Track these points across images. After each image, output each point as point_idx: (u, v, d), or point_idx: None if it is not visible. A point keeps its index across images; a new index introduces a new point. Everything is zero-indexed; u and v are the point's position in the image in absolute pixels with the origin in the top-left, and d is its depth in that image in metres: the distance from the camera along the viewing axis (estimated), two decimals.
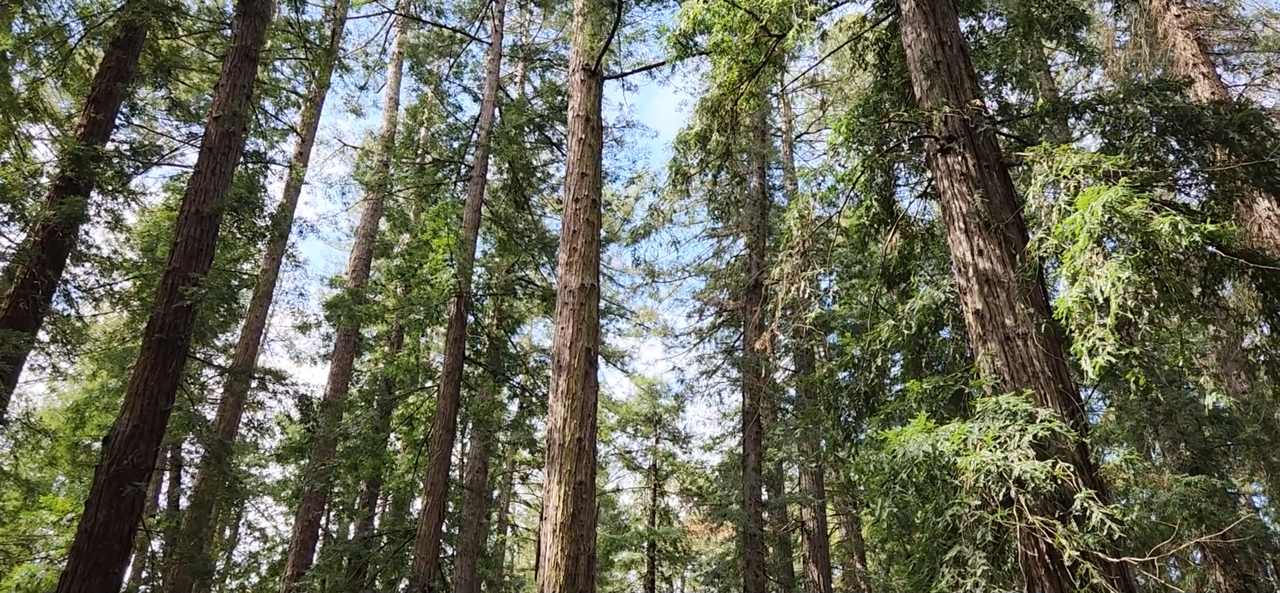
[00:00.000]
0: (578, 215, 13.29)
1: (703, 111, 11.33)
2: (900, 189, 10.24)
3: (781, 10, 9.52)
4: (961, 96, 8.45)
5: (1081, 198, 6.11)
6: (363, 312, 19.65)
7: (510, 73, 26.39)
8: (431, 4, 25.39)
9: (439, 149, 24.07)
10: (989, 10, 11.90)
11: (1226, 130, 7.03)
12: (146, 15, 12.87)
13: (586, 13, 15.45)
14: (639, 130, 52.74)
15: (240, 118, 13.47)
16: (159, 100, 18.44)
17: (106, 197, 14.36)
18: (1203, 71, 15.27)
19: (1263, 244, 13.51)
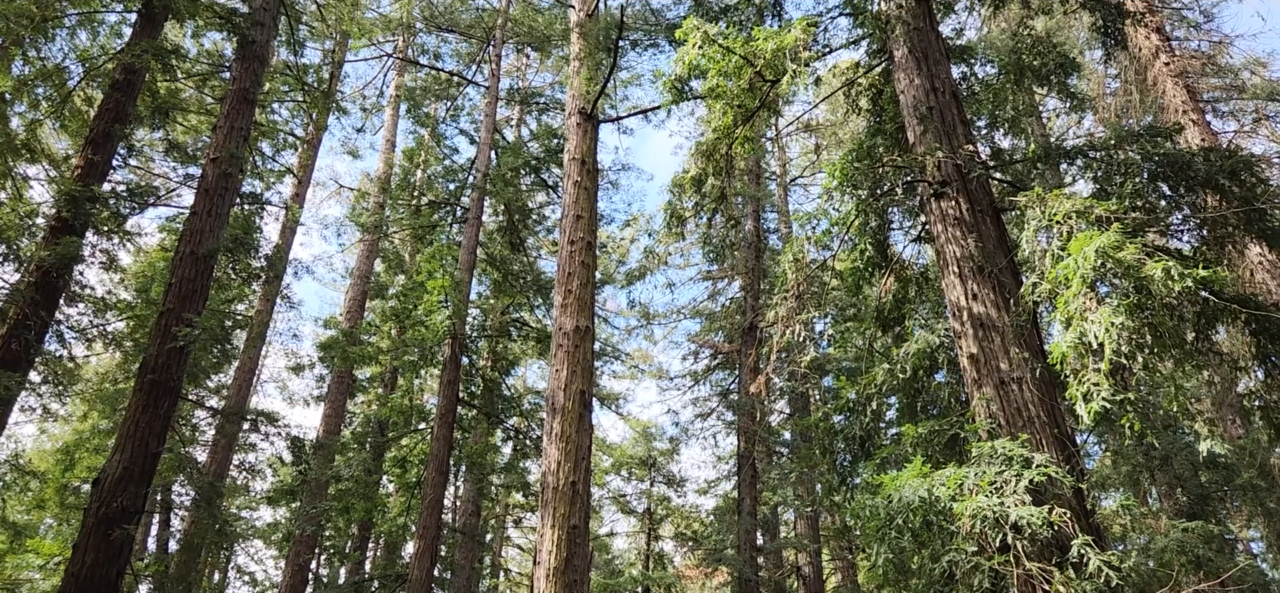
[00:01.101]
0: (573, 257, 13.33)
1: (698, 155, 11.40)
2: (894, 233, 10.29)
3: (776, 56, 9.60)
4: (955, 142, 8.52)
5: (1074, 243, 6.13)
6: (357, 353, 19.59)
7: (507, 116, 26.58)
8: (429, 48, 25.65)
9: (435, 191, 24.16)
10: (980, 57, 12.04)
11: (1217, 176, 7.09)
12: (146, 58, 12.96)
13: (583, 57, 15.61)
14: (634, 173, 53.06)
15: (237, 159, 13.52)
16: (156, 142, 18.52)
17: (102, 237, 14.36)
18: (1192, 118, 15.42)
19: (1255, 289, 13.57)
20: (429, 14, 24.68)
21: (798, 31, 9.55)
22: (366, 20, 23.87)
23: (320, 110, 20.51)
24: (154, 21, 14.02)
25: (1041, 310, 7.60)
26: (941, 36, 10.06)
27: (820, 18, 10.70)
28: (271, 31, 15.46)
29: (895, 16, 9.74)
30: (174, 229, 19.71)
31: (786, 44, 9.46)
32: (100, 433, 18.23)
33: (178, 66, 15.45)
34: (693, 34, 9.88)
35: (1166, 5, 19.04)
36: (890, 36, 9.94)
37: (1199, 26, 18.70)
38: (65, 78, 13.95)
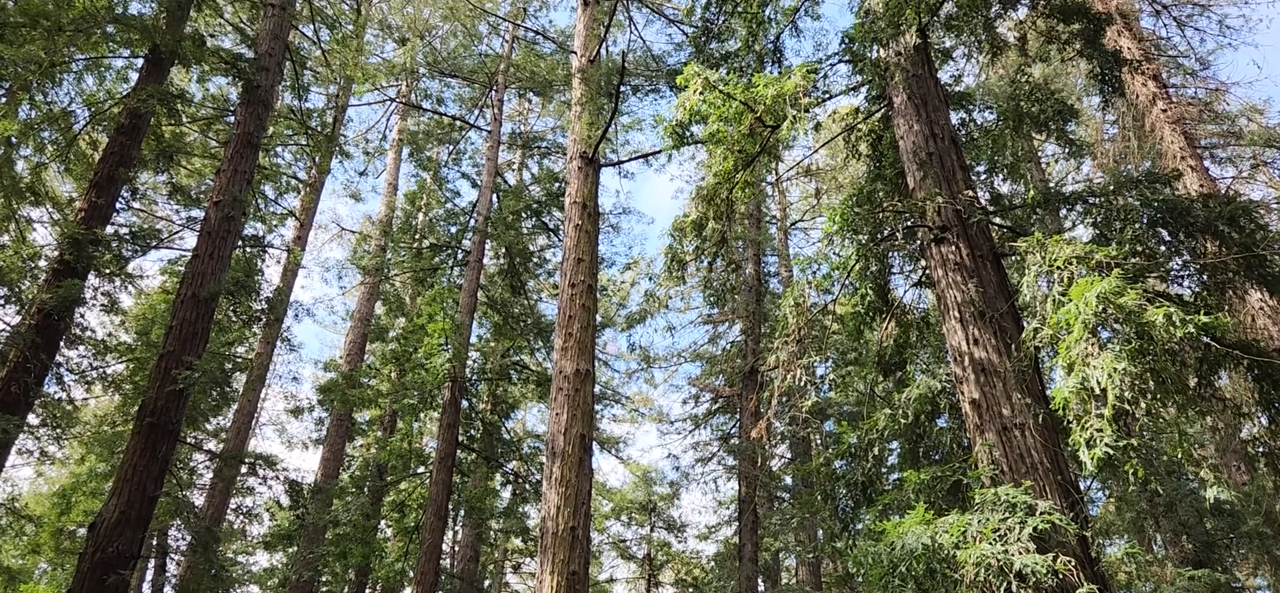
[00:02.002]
0: (574, 301, 13.33)
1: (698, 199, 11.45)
2: (895, 277, 10.30)
3: (776, 102, 9.68)
4: (954, 187, 8.56)
5: (1075, 288, 6.14)
6: (356, 396, 19.53)
7: (508, 159, 26.75)
8: (432, 92, 25.89)
9: (437, 234, 24.24)
10: (979, 103, 12.13)
11: (1216, 223, 7.11)
12: (152, 103, 13.08)
13: (584, 103, 15.74)
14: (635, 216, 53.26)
15: (240, 203, 13.58)
16: (160, 185, 18.61)
17: (103, 280, 14.39)
18: (1191, 164, 15.51)
19: (1257, 335, 13.55)
20: (432, 60, 24.95)
21: (798, 78, 9.64)
22: (370, 65, 24.12)
23: (323, 154, 20.65)
24: (160, 67, 14.16)
25: (1043, 356, 7.58)
26: (940, 83, 10.15)
27: (820, 64, 10.79)
28: (276, 76, 15.61)
29: (894, 64, 9.83)
30: (176, 271, 19.76)
31: (786, 90, 9.54)
32: (97, 476, 18.13)
33: (183, 111, 15.58)
34: (694, 80, 9.96)
35: (1163, 53, 19.23)
36: (889, 83, 10.03)
37: (1196, 74, 18.87)
38: (71, 122, 14.06)
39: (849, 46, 10.88)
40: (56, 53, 12.30)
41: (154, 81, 13.96)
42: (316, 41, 20.06)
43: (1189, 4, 18.94)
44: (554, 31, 25.50)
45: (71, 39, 12.34)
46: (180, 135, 16.91)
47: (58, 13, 11.67)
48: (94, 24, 12.33)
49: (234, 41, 18.15)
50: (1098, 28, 9.78)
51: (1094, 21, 9.78)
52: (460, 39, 25.14)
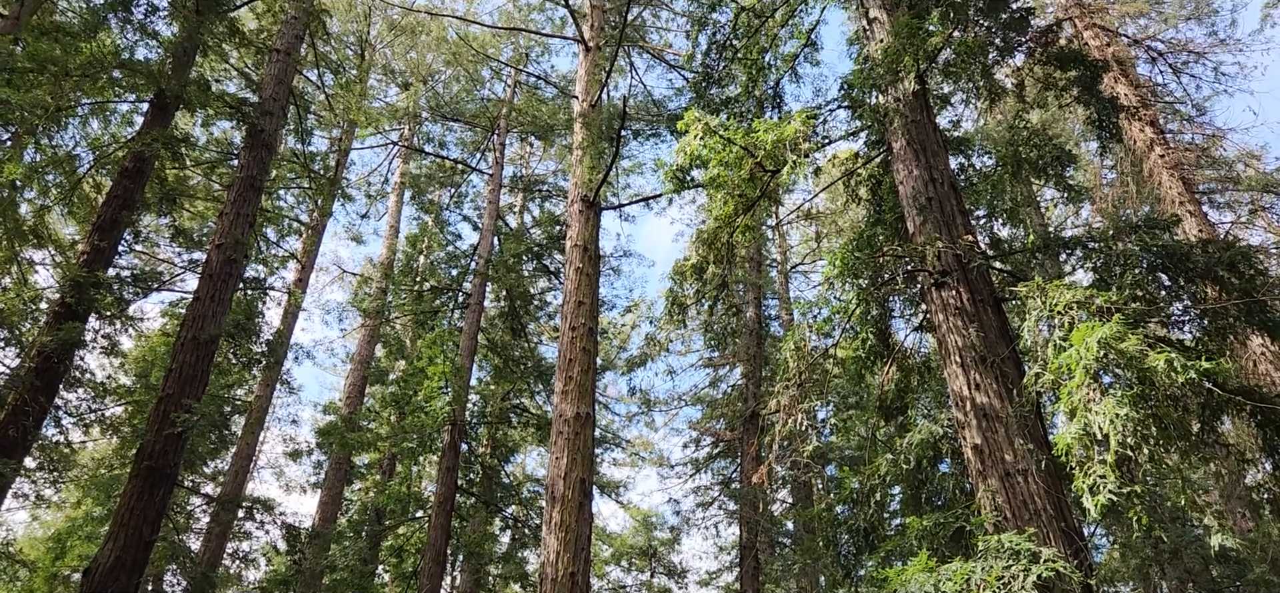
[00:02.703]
0: (574, 344, 13.33)
1: (699, 243, 11.49)
2: (896, 321, 10.30)
3: (776, 147, 9.75)
4: (954, 232, 8.59)
5: (1076, 333, 6.13)
6: (355, 439, 19.45)
7: (510, 203, 26.88)
8: (434, 136, 26.10)
9: (437, 276, 24.29)
10: (978, 148, 12.22)
11: (1216, 268, 7.13)
12: (156, 147, 13.17)
13: (585, 147, 15.85)
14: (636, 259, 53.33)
15: (242, 245, 13.63)
16: (163, 227, 18.69)
17: (104, 322, 14.39)
18: (1189, 209, 15.58)
19: (1259, 381, 13.52)
20: (435, 104, 25.17)
21: (797, 123, 9.72)
22: (373, 110, 24.32)
23: (325, 197, 20.75)
24: (165, 111, 14.28)
25: (1045, 401, 7.56)
26: (938, 128, 10.22)
27: (819, 110, 10.88)
28: (280, 120, 15.73)
29: (893, 109, 9.91)
30: (176, 314, 19.75)
31: (786, 135, 9.61)
32: (93, 520, 17.97)
33: (187, 154, 15.69)
34: (694, 125, 10.04)
35: (1160, 99, 19.41)
36: (888, 128, 10.10)
37: (1192, 120, 19.03)
38: (75, 165, 14.14)
39: (848, 92, 10.98)
40: (63, 97, 12.41)
41: (159, 125, 14.07)
42: (320, 86, 20.25)
43: (1184, 52, 19.15)
44: (556, 76, 25.77)
45: (78, 84, 12.46)
46: (184, 178, 17.01)
47: (65, 58, 11.79)
48: (101, 69, 12.45)
49: (239, 86, 18.32)
50: (1094, 75, 9.87)
51: (1091, 69, 9.88)
52: (463, 84, 25.40)
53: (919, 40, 9.20)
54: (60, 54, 11.76)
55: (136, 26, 12.95)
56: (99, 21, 12.41)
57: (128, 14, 12.61)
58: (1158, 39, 19.86)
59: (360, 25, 25.22)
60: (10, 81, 11.34)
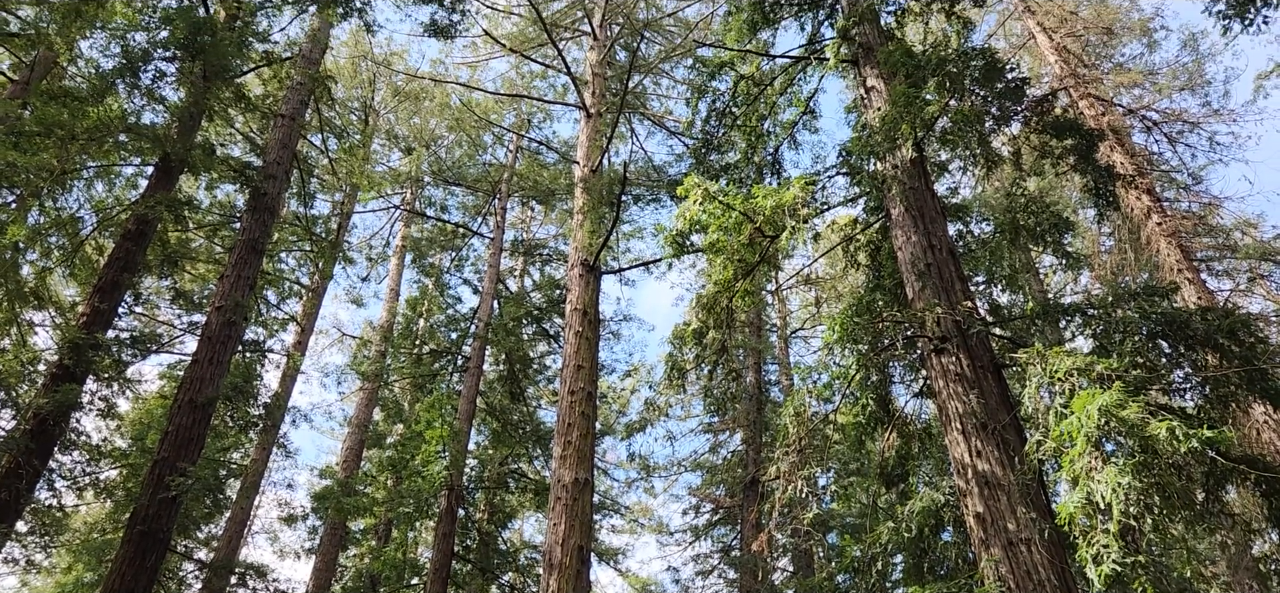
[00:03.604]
0: (573, 408, 13.26)
1: (699, 308, 11.50)
2: (896, 387, 10.26)
3: (775, 213, 9.81)
4: (953, 298, 8.60)
5: (1077, 401, 6.10)
6: (351, 504, 19.24)
7: (510, 266, 26.98)
8: (436, 200, 26.30)
9: (437, 339, 24.27)
10: (976, 215, 12.30)
11: (1216, 335, 7.12)
12: (160, 210, 13.26)
13: (586, 211, 15.96)
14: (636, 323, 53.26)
15: (242, 308, 13.64)
16: (163, 289, 18.72)
17: (102, 384, 14.34)
18: (1187, 277, 15.62)
19: (1262, 450, 13.42)
20: (437, 169, 25.41)
21: (796, 190, 9.79)
22: (376, 174, 24.55)
23: (327, 260, 20.83)
24: (170, 174, 14.40)
25: (1047, 468, 7.49)
26: (936, 195, 10.30)
27: (818, 176, 10.97)
28: (283, 184, 15.86)
29: (891, 176, 10.00)
30: (174, 376, 19.70)
31: (785, 201, 9.68)
32: (84, 586, 17.70)
33: (190, 217, 15.78)
34: (694, 191, 10.12)
35: (1156, 168, 19.59)
36: (886, 195, 10.18)
37: (1188, 188, 19.20)
38: (78, 227, 14.22)
39: (846, 160, 11.09)
40: (69, 161, 12.52)
41: (163, 188, 14.18)
42: (324, 150, 20.46)
43: (1179, 121, 19.39)
44: (557, 142, 26.06)
45: (84, 147, 12.58)
46: (186, 241, 17.09)
47: (72, 122, 11.92)
48: (107, 133, 12.58)
49: (243, 150, 18.52)
50: (1090, 144, 9.98)
51: (1086, 138, 9.98)
52: (465, 149, 25.67)
53: (916, 109, 9.32)
54: (67, 118, 11.90)
55: (144, 91, 13.12)
56: (107, 86, 12.58)
57: (135, 80, 12.78)
58: (1152, 109, 20.12)
59: (364, 91, 25.57)
60: (17, 145, 11.45)
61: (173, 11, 13.43)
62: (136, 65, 12.77)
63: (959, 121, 9.78)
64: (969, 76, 9.86)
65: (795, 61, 12.95)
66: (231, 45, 13.62)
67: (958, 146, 10.47)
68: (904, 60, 10.15)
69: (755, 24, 12.76)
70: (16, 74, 16.31)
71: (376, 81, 25.62)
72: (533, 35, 23.06)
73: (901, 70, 10.13)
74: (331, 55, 23.41)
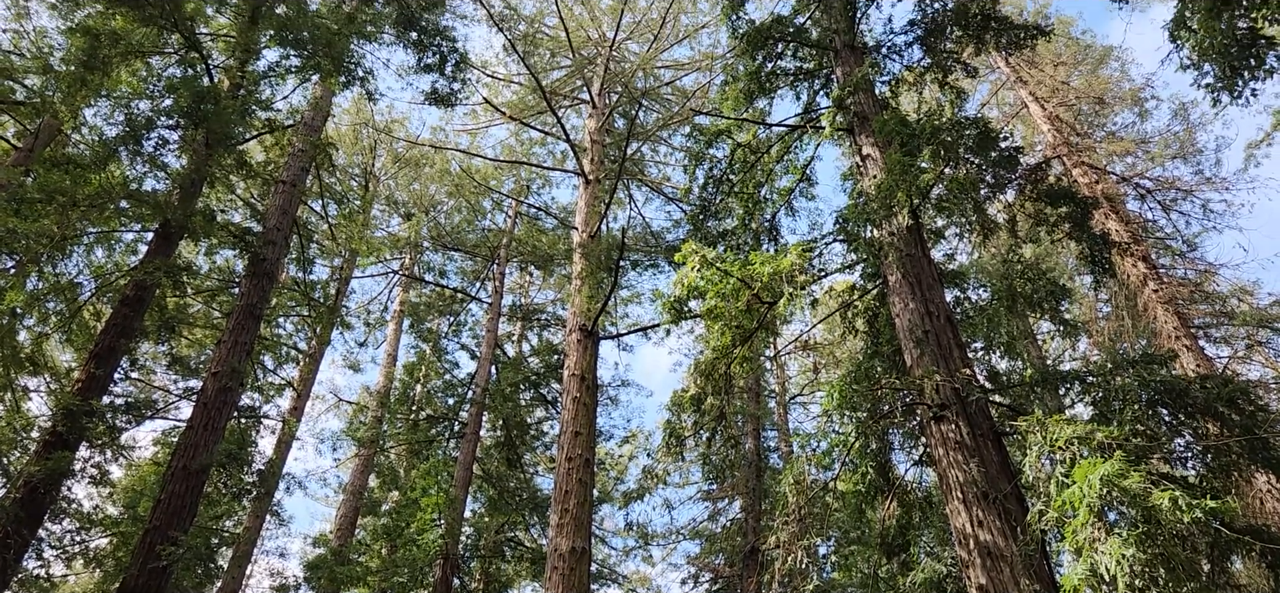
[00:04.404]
0: (570, 475, 13.14)
1: (697, 374, 11.46)
2: (896, 454, 10.18)
3: (773, 280, 9.84)
4: (951, 365, 8.58)
5: (1078, 470, 6.05)
6: (345, 573, 18.93)
7: (508, 331, 26.95)
8: (434, 265, 26.40)
9: (434, 405, 24.14)
10: (973, 282, 12.33)
11: (1215, 404, 7.09)
12: (158, 276, 13.28)
13: (584, 277, 16.01)
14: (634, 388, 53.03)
15: (239, 374, 13.59)
16: (160, 354, 18.66)
17: (95, 451, 14.22)
18: (1185, 344, 15.62)
19: (1266, 519, 13.29)
20: (436, 234, 25.55)
21: (794, 256, 9.83)
22: (375, 239, 24.67)
23: (325, 325, 20.81)
24: (170, 240, 14.45)
25: (1049, 538, 7.40)
26: (933, 262, 10.34)
27: (815, 243, 11.03)
28: (283, 250, 15.91)
29: (888, 243, 10.05)
30: (168, 442, 19.54)
31: (783, 268, 9.72)
32: None
33: (188, 283, 15.80)
34: (692, 258, 10.16)
35: (1151, 235, 19.72)
36: (883, 262, 10.22)
37: (1184, 255, 19.29)
38: (77, 293, 14.23)
39: (843, 226, 11.15)
40: (69, 227, 12.59)
41: (162, 254, 14.22)
42: (324, 216, 20.58)
43: (1172, 189, 19.57)
44: (556, 208, 26.25)
45: (85, 214, 12.66)
46: (184, 306, 17.09)
47: (74, 189, 12.01)
48: (108, 199, 12.67)
49: (243, 216, 18.62)
50: (1085, 211, 10.05)
51: (1081, 205, 10.06)
52: (464, 214, 25.84)
53: (911, 177, 9.40)
54: (69, 184, 11.99)
55: (146, 158, 13.24)
56: (110, 153, 12.70)
57: (138, 147, 12.91)
58: (1145, 177, 20.32)
59: (365, 158, 25.82)
60: (18, 211, 11.52)
61: (177, 81, 13.62)
62: (139, 133, 12.90)
63: (954, 189, 9.87)
64: (963, 145, 9.96)
65: (791, 130, 13.10)
66: (234, 113, 13.79)
67: (953, 214, 10.56)
68: (899, 129, 10.27)
69: (752, 93, 12.93)
70: (21, 141, 16.47)
71: (377, 148, 25.88)
72: (532, 103, 23.37)
73: (896, 139, 10.25)
74: (333, 122, 23.69)
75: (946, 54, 12.36)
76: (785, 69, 13.21)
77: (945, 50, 12.35)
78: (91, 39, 12.70)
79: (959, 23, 12.15)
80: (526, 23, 22.16)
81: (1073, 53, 23.42)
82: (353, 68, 15.68)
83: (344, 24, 15.45)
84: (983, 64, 23.06)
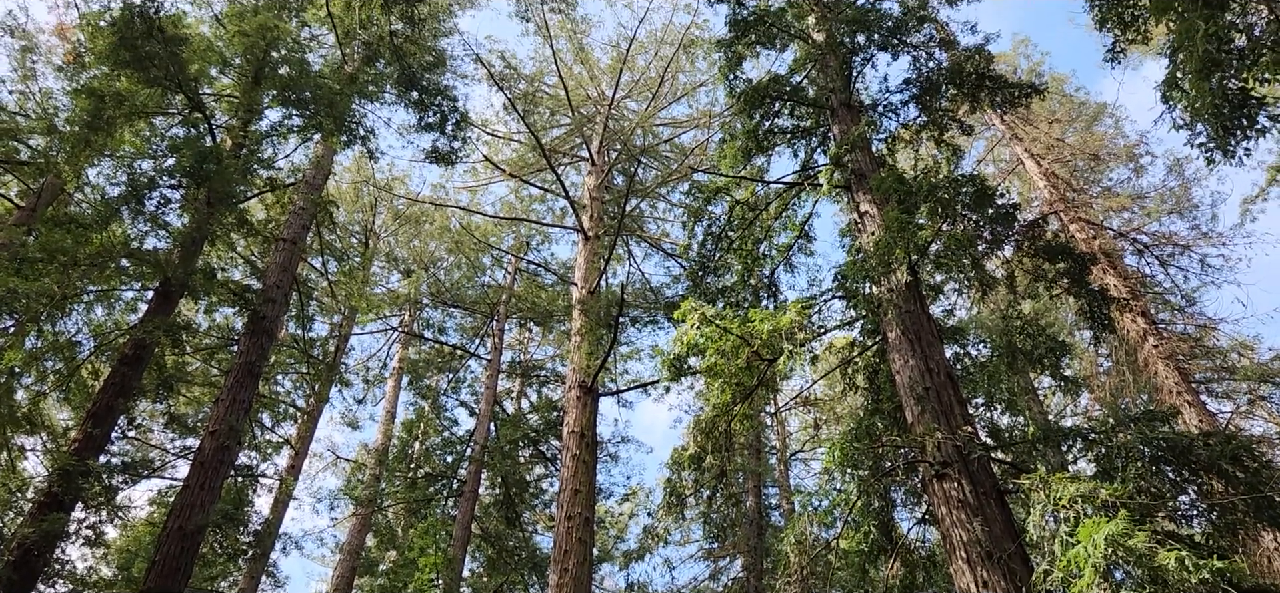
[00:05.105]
0: (570, 534, 13.01)
1: (697, 431, 11.40)
2: (899, 511, 10.09)
3: (772, 337, 9.84)
4: (953, 422, 8.54)
5: (1082, 529, 6.00)
6: None
7: (507, 388, 26.85)
8: (433, 322, 26.38)
9: (432, 463, 23.97)
10: (973, 337, 12.32)
11: (1219, 462, 7.05)
12: (158, 334, 13.26)
13: (583, 333, 16.00)
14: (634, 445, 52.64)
15: (236, 432, 13.51)
16: (157, 413, 18.55)
17: (90, 511, 14.08)
18: (1187, 399, 15.57)
19: (1274, 578, 13.13)
20: (436, 290, 25.59)
21: (793, 313, 9.84)
22: (375, 296, 24.68)
23: (323, 382, 20.76)
24: (170, 298, 14.46)
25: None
26: (932, 318, 10.34)
27: (814, 299, 11.05)
28: (282, 307, 15.92)
29: (887, 300, 10.06)
30: (165, 502, 19.35)
31: (782, 325, 9.72)
32: None
33: (187, 341, 15.77)
34: (691, 315, 10.17)
35: (1149, 290, 19.76)
36: (883, 318, 10.22)
37: (1183, 310, 19.32)
38: (75, 351, 14.20)
39: (842, 283, 11.17)
40: (69, 286, 12.60)
41: (162, 312, 14.22)
42: (324, 273, 20.63)
43: (1170, 244, 19.67)
44: (555, 264, 26.36)
45: (86, 273, 12.68)
46: (182, 365, 17.04)
47: (75, 248, 12.05)
48: (109, 258, 12.70)
49: (244, 273, 18.66)
50: (1083, 267, 10.09)
51: (1078, 261, 10.10)
52: (464, 271, 25.91)
53: (909, 234, 9.45)
54: (70, 244, 12.02)
55: (148, 217, 13.30)
56: (112, 213, 12.76)
57: (140, 206, 12.98)
58: (1142, 232, 20.43)
59: (366, 215, 25.96)
60: (19, 271, 11.54)
61: (180, 140, 13.74)
62: (142, 192, 12.98)
63: (952, 246, 9.91)
64: (960, 202, 10.03)
65: (789, 187, 13.20)
66: (237, 172, 13.89)
67: (952, 270, 10.59)
68: (896, 186, 10.34)
69: (749, 151, 13.05)
70: (24, 200, 16.57)
71: (378, 205, 26.04)
72: (532, 161, 23.57)
73: (894, 196, 10.31)
74: (334, 180, 23.85)
75: (942, 112, 12.51)
76: (783, 127, 13.35)
77: (941, 108, 12.49)
78: (96, 100, 12.84)
79: (954, 81, 12.30)
80: (526, 82, 22.44)
81: (1067, 110, 23.68)
82: (354, 127, 15.85)
83: (346, 84, 15.64)
84: (978, 121, 23.31)
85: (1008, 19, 61.63)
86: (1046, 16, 62.65)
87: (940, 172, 12.12)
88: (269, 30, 14.95)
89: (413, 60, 16.34)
